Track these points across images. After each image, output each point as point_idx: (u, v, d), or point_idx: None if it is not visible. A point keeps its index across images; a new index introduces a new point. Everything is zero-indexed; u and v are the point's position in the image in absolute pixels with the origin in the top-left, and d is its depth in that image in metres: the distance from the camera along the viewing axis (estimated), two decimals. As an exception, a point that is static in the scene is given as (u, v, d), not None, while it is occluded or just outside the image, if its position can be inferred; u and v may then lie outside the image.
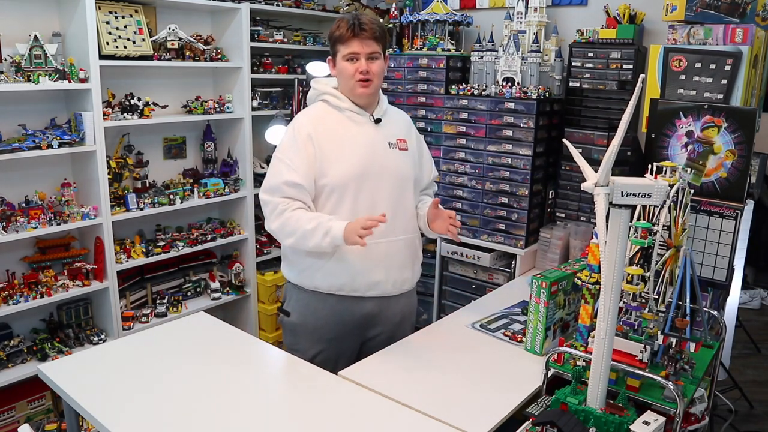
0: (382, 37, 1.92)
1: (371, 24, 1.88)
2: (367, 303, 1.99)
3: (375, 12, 3.29)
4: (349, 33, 1.86)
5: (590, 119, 2.68)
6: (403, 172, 1.99)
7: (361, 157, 1.91)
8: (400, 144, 2.00)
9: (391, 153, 1.97)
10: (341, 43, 1.89)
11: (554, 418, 1.40)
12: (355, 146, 1.92)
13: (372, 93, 1.94)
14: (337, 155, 1.90)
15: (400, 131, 2.03)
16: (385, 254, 1.96)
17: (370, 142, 1.94)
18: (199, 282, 3.30)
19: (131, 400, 1.60)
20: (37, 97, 2.61)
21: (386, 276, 1.97)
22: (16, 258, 2.66)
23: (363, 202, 1.91)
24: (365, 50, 1.88)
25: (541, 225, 2.85)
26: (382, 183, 1.93)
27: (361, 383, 1.78)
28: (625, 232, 1.37)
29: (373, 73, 1.90)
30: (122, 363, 1.81)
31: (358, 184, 1.90)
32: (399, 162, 1.98)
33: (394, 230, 1.96)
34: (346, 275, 1.93)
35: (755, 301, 4.45)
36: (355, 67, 1.88)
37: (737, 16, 2.20)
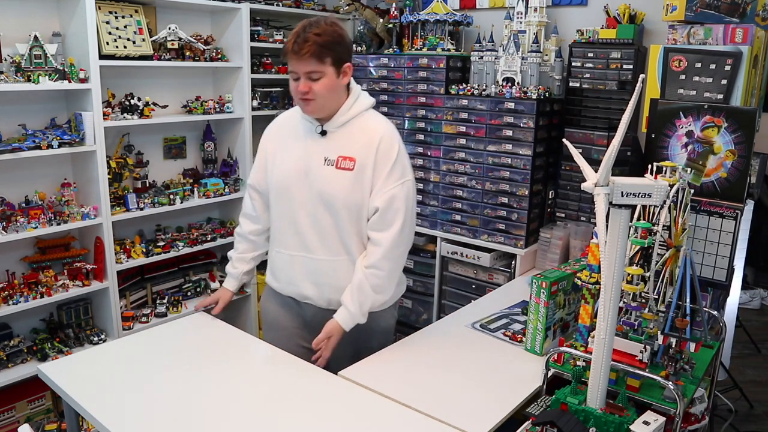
0: (325, 52, 1.73)
1: (309, 41, 1.71)
2: (307, 309, 2.00)
3: (375, 12, 3.28)
4: (289, 49, 1.75)
5: (590, 119, 2.68)
6: (332, 191, 1.82)
7: (288, 168, 1.89)
8: (340, 162, 1.82)
9: (323, 169, 1.83)
10: (285, 56, 1.79)
11: (554, 418, 1.40)
12: (290, 156, 1.90)
13: (314, 112, 1.82)
14: (276, 161, 1.95)
15: (351, 149, 1.83)
16: (313, 271, 1.91)
17: (303, 154, 1.87)
18: (199, 282, 3.30)
19: (131, 400, 1.59)
20: (37, 97, 2.61)
21: (318, 293, 1.93)
22: (16, 258, 2.66)
23: (289, 212, 1.91)
24: (302, 69, 1.75)
25: (541, 225, 2.85)
26: (305, 197, 1.86)
27: (361, 383, 1.78)
28: (625, 232, 1.37)
29: (314, 92, 1.76)
30: (122, 363, 1.80)
31: (284, 194, 1.91)
32: (328, 180, 1.82)
33: (322, 249, 1.88)
34: (280, 283, 2.03)
35: (755, 301, 4.45)
36: (295, 85, 1.79)
37: (737, 16, 2.20)
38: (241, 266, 2.13)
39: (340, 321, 1.86)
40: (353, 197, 1.83)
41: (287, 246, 1.94)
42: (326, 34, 1.75)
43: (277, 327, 2.08)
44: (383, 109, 3.13)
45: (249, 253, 2.13)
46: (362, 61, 3.19)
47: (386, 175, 1.82)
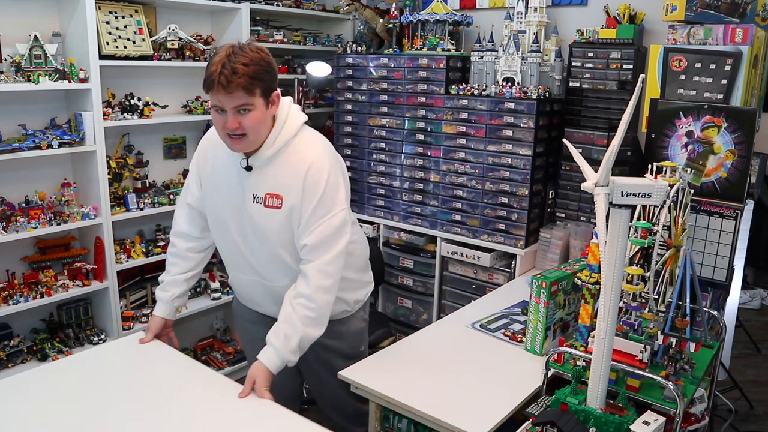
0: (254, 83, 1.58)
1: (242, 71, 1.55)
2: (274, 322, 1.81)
3: (375, 12, 3.28)
4: (215, 81, 1.56)
5: (590, 119, 2.68)
6: (264, 229, 1.73)
7: (225, 200, 1.78)
8: (268, 200, 1.70)
9: (254, 207, 1.72)
10: (207, 89, 1.61)
11: (554, 418, 1.40)
12: (220, 188, 1.78)
13: (246, 147, 1.66)
14: (208, 190, 1.84)
15: (276, 185, 1.69)
16: (272, 292, 1.83)
17: (234, 189, 1.75)
18: (199, 282, 3.30)
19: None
20: (37, 97, 2.61)
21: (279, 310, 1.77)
22: (16, 258, 2.65)
23: (236, 243, 1.80)
24: (231, 104, 1.57)
25: (541, 225, 2.85)
26: (245, 231, 1.76)
27: (361, 383, 1.78)
28: (625, 232, 1.37)
29: (245, 127, 1.60)
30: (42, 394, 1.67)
31: (227, 225, 1.79)
32: (259, 218, 1.72)
33: (270, 277, 1.82)
34: (243, 300, 2.00)
35: (755, 301, 4.45)
36: (222, 120, 1.61)
37: (737, 16, 2.20)
38: (173, 289, 1.94)
39: (264, 361, 1.67)
40: (285, 235, 1.72)
41: (243, 271, 1.86)
42: (254, 63, 1.59)
43: (256, 338, 1.89)
44: (383, 109, 3.13)
45: (185, 274, 1.96)
46: (362, 61, 3.19)
47: (312, 209, 1.67)
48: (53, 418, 1.56)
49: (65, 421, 1.56)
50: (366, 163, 3.26)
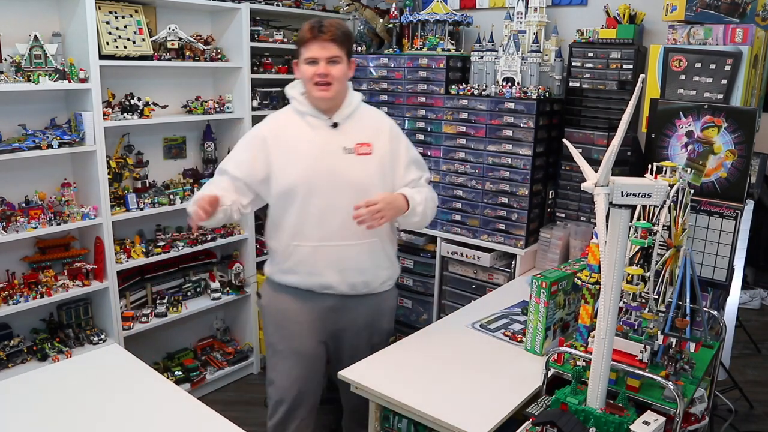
0: (344, 40, 1.91)
1: (333, 27, 1.87)
2: (327, 299, 2.03)
3: (375, 12, 3.28)
4: (309, 35, 1.87)
5: (590, 119, 2.68)
6: (359, 177, 1.94)
7: (308, 164, 1.92)
8: (359, 149, 1.95)
9: (346, 158, 1.94)
10: (302, 45, 1.90)
11: (554, 418, 1.40)
12: (305, 152, 1.94)
13: (331, 97, 1.92)
14: (287, 161, 1.95)
15: (364, 135, 1.98)
16: (338, 258, 1.97)
17: (321, 149, 1.94)
18: (199, 282, 3.30)
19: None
20: (37, 97, 2.61)
21: (340, 279, 1.99)
22: (16, 258, 2.65)
23: (313, 206, 1.93)
24: (324, 54, 1.87)
25: (541, 225, 2.85)
26: (332, 188, 1.92)
27: (361, 383, 1.78)
28: (625, 232, 1.37)
29: (333, 76, 1.88)
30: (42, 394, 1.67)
31: (307, 190, 1.92)
32: (354, 167, 1.94)
33: (349, 235, 1.94)
34: (298, 276, 2.02)
35: (755, 301, 4.45)
36: (313, 70, 1.88)
37: (737, 16, 2.20)
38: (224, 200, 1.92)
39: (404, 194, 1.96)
40: (376, 179, 1.96)
41: (309, 238, 1.96)
42: (343, 27, 1.92)
43: (290, 323, 2.05)
44: (383, 109, 3.12)
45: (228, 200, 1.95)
46: (362, 61, 3.18)
47: (405, 148, 2.05)
48: (53, 418, 1.57)
49: (65, 421, 1.56)
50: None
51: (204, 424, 1.59)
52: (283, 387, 2.08)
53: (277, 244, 2.03)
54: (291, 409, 2.08)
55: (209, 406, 1.66)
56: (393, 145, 2.02)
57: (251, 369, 3.47)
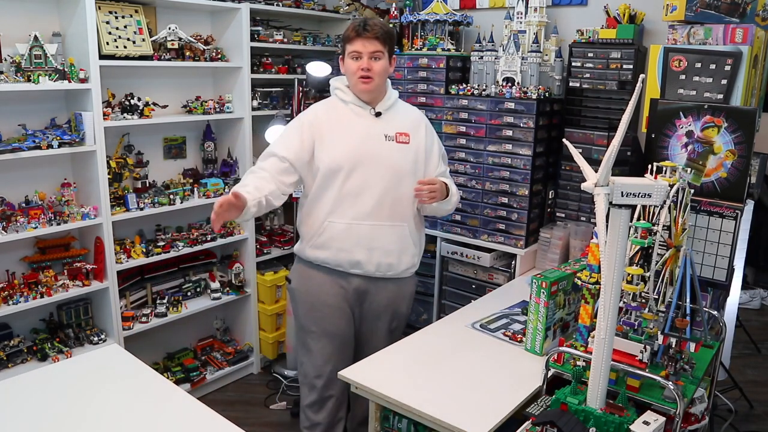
0: (386, 38, 2.06)
1: (376, 26, 2.04)
2: (354, 279, 2.15)
3: (375, 12, 3.29)
4: (354, 33, 2.04)
5: (590, 119, 2.68)
6: (397, 163, 2.10)
7: (354, 146, 2.07)
8: (399, 137, 2.12)
9: (386, 144, 2.10)
10: (348, 42, 2.07)
11: (554, 418, 1.40)
12: (350, 135, 2.09)
13: (372, 90, 2.09)
14: (332, 142, 2.08)
15: (404, 126, 2.15)
16: (368, 237, 2.09)
17: (365, 133, 2.09)
18: (199, 282, 3.30)
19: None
20: (37, 97, 2.61)
21: (368, 257, 2.11)
22: (16, 258, 2.65)
23: (351, 186, 2.06)
24: (367, 49, 2.03)
25: (541, 225, 2.85)
26: (371, 170, 2.06)
27: (361, 383, 1.78)
28: (625, 232, 1.37)
29: (374, 71, 2.04)
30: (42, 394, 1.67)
31: (349, 169, 2.06)
32: (393, 153, 2.10)
33: (380, 216, 2.09)
34: (329, 252, 2.12)
35: (755, 301, 4.45)
36: (357, 65, 2.05)
37: (737, 16, 2.20)
38: (256, 194, 1.96)
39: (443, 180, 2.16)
40: (410, 166, 2.12)
41: (343, 216, 2.08)
42: (386, 27, 2.09)
43: (321, 305, 2.17)
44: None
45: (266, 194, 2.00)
46: (362, 61, 3.18)
47: (437, 144, 2.25)
48: (53, 418, 1.57)
49: (65, 420, 1.56)
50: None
51: (204, 424, 1.59)
52: (317, 366, 2.20)
53: (310, 225, 2.14)
54: (326, 387, 2.19)
55: (209, 406, 1.66)
56: (428, 139, 2.20)
57: (251, 369, 3.47)
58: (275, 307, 3.46)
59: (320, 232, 2.11)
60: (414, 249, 2.22)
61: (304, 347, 2.24)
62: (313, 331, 2.19)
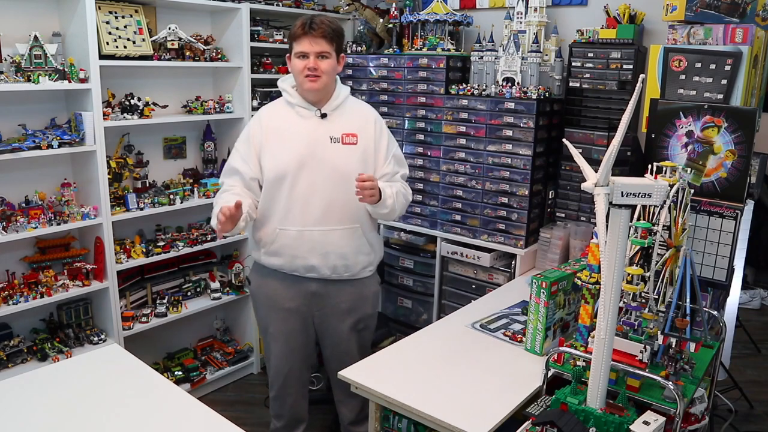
0: (334, 37, 2.02)
1: (323, 24, 1.99)
2: (311, 283, 2.14)
3: (375, 12, 3.28)
4: (301, 31, 1.99)
5: (590, 119, 2.68)
6: (343, 165, 2.05)
7: (298, 150, 2.03)
8: (345, 138, 2.07)
9: (332, 147, 2.06)
10: (294, 40, 2.02)
11: (554, 418, 1.40)
12: (294, 140, 2.05)
13: (319, 89, 2.03)
14: (277, 148, 2.06)
15: (351, 126, 2.10)
16: (321, 242, 2.07)
17: (309, 136, 2.05)
18: (199, 282, 3.30)
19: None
20: (37, 97, 2.61)
21: (323, 262, 2.09)
22: (16, 258, 2.65)
23: (298, 192, 2.04)
24: (314, 49, 1.99)
25: (541, 225, 2.85)
26: (318, 174, 2.04)
27: (361, 383, 1.78)
28: (625, 232, 1.37)
29: (322, 70, 2.00)
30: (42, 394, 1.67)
31: (294, 175, 2.03)
32: (339, 155, 2.06)
33: (331, 220, 2.07)
34: (283, 258, 2.11)
35: (755, 301, 4.45)
36: (304, 64, 2.00)
37: (737, 16, 2.20)
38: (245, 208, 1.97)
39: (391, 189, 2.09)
40: (360, 167, 2.05)
41: (294, 223, 2.06)
42: (334, 24, 2.03)
43: (279, 308, 2.19)
44: (383, 109, 3.13)
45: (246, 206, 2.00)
46: (362, 61, 3.19)
47: (387, 143, 2.16)
48: (53, 418, 1.57)
49: (65, 420, 1.56)
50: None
51: (204, 424, 1.59)
52: (277, 366, 2.26)
53: (263, 232, 2.13)
54: (286, 385, 2.28)
55: (209, 406, 1.66)
56: (377, 138, 2.14)
57: (251, 369, 3.47)
58: (275, 307, 3.46)
59: (273, 240, 2.10)
60: (369, 248, 2.19)
61: (266, 347, 2.31)
62: (271, 332, 2.23)
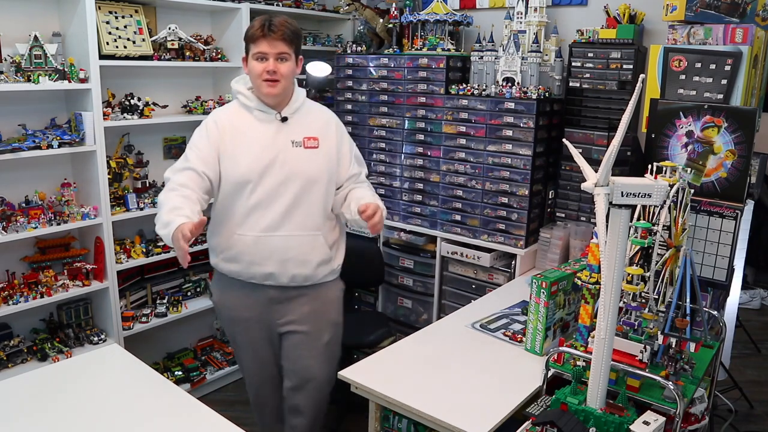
0: (293, 39, 1.94)
1: (282, 26, 1.91)
2: (269, 290, 2.07)
3: (375, 12, 3.28)
4: (260, 33, 1.90)
5: (590, 119, 2.68)
6: (306, 169, 2.00)
7: (260, 155, 1.96)
8: (307, 142, 2.02)
9: (294, 151, 1.99)
10: (252, 42, 1.93)
11: (554, 418, 1.40)
12: (255, 145, 1.97)
13: (279, 93, 1.96)
14: (237, 153, 1.97)
15: (312, 129, 2.04)
16: (280, 249, 2.00)
17: (270, 141, 1.98)
18: (199, 282, 3.30)
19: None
20: (37, 97, 2.61)
21: (281, 269, 2.02)
22: (16, 258, 2.65)
23: (259, 197, 1.97)
24: (274, 50, 1.91)
25: (541, 225, 2.85)
26: (280, 180, 1.97)
27: (361, 383, 1.78)
28: (625, 232, 1.37)
29: (281, 73, 1.92)
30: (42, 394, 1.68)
31: (256, 180, 1.96)
32: (302, 160, 2.00)
33: (291, 226, 2.00)
34: (240, 265, 2.04)
35: (755, 301, 4.45)
36: (263, 66, 1.92)
37: (737, 16, 2.20)
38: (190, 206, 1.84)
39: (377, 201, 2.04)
40: (321, 172, 2.02)
41: (252, 228, 1.99)
42: (293, 26, 1.95)
43: (241, 318, 2.12)
44: (383, 109, 3.13)
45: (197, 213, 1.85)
46: (362, 61, 3.19)
47: (348, 145, 2.15)
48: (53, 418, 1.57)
49: (65, 420, 1.56)
50: (366, 163, 3.25)
51: (204, 424, 1.59)
52: (250, 377, 2.25)
53: (220, 238, 2.06)
54: (261, 394, 2.26)
55: (209, 406, 1.66)
56: (338, 140, 2.10)
57: (251, 369, 3.47)
58: (275, 307, 3.46)
59: (230, 246, 2.03)
60: (331, 254, 2.10)
61: (237, 357, 2.25)
62: (239, 343, 2.18)
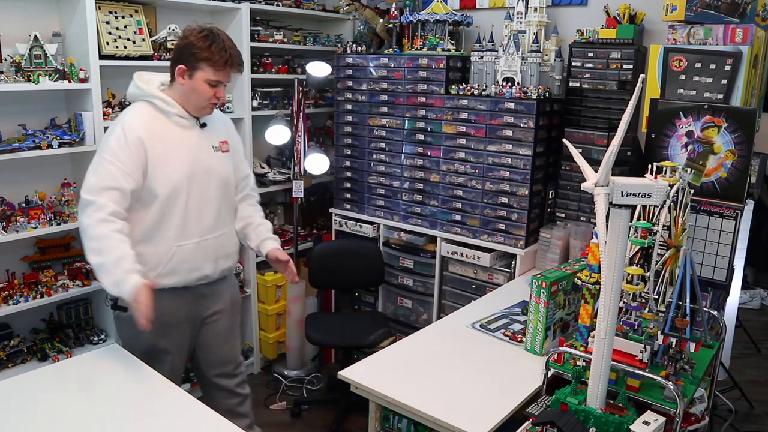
0: None
1: (241, 59, 2.01)
2: (199, 288, 2.13)
3: (375, 12, 3.28)
4: (223, 65, 1.93)
5: (590, 119, 2.69)
6: (225, 172, 2.12)
7: (189, 162, 2.00)
8: (222, 146, 2.12)
9: (215, 155, 2.09)
10: (211, 66, 1.92)
11: (554, 418, 1.40)
12: (183, 152, 1.99)
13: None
14: (166, 161, 1.94)
15: (222, 134, 2.15)
16: (214, 248, 2.11)
17: (195, 146, 2.03)
18: (199, 282, 3.29)
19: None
20: (37, 97, 2.61)
21: (214, 267, 2.13)
22: (16, 258, 2.65)
23: (193, 204, 2.01)
24: (228, 80, 2.01)
25: (541, 225, 2.85)
26: (208, 184, 2.05)
27: (361, 383, 1.78)
28: (625, 232, 1.37)
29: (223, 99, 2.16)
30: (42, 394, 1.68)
31: (188, 187, 1.99)
32: (221, 163, 2.11)
33: (219, 226, 2.12)
34: (179, 275, 2.03)
35: (755, 301, 4.45)
36: (213, 92, 1.97)
37: (737, 16, 2.20)
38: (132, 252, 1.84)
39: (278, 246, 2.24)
40: (231, 171, 2.15)
41: (190, 236, 2.03)
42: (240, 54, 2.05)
43: (171, 325, 2.05)
44: (383, 109, 3.13)
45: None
46: (362, 61, 3.19)
47: (242, 148, 2.29)
48: (53, 418, 1.57)
49: (65, 420, 1.56)
50: (366, 163, 3.26)
51: (204, 424, 1.59)
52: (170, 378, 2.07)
53: (154, 248, 1.97)
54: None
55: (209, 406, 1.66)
56: (237, 142, 2.25)
57: (251, 369, 3.47)
58: (275, 307, 3.46)
59: (168, 259, 1.98)
60: (238, 246, 2.26)
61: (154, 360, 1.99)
62: (163, 347, 2.06)
